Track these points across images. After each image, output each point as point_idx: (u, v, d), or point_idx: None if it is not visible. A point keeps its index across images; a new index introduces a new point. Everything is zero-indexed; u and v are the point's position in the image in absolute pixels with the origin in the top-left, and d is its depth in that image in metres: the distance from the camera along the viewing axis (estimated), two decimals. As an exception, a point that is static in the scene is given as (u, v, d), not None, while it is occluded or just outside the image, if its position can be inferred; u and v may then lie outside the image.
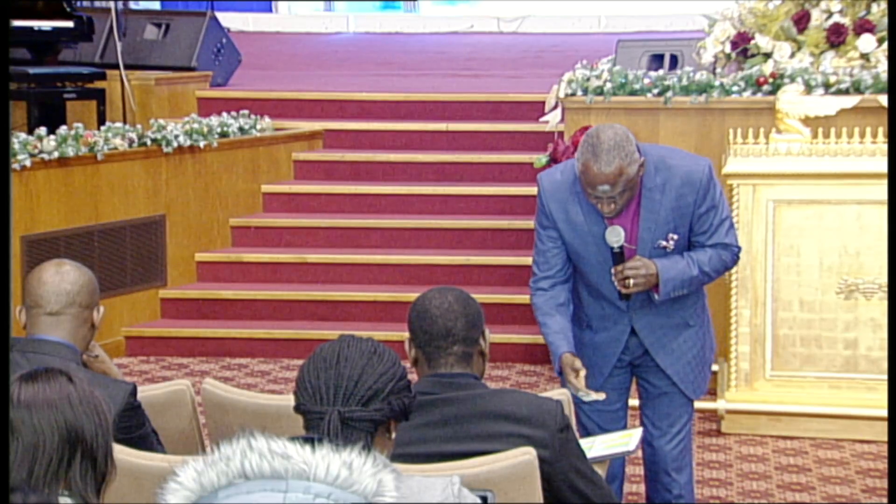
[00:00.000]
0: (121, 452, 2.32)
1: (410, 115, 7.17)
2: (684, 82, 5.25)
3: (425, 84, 8.01)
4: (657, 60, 5.72)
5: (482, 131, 6.90)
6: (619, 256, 3.15)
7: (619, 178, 3.02)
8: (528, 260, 6.08)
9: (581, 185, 3.10)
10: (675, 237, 3.17)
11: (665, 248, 3.18)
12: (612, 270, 3.15)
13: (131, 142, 6.03)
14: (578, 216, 3.18)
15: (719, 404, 4.82)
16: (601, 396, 3.18)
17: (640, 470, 3.68)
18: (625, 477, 3.56)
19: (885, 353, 4.70)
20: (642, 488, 4.18)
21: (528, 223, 6.31)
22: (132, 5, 9.09)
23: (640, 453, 3.47)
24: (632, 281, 3.13)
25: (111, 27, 7.17)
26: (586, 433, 3.34)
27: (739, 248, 3.28)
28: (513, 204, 6.48)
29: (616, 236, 3.13)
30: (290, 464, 1.28)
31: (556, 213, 3.21)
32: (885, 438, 4.67)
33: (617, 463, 3.36)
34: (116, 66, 6.89)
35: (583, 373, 3.15)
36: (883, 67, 5.09)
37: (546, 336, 3.25)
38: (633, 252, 3.18)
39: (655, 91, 5.29)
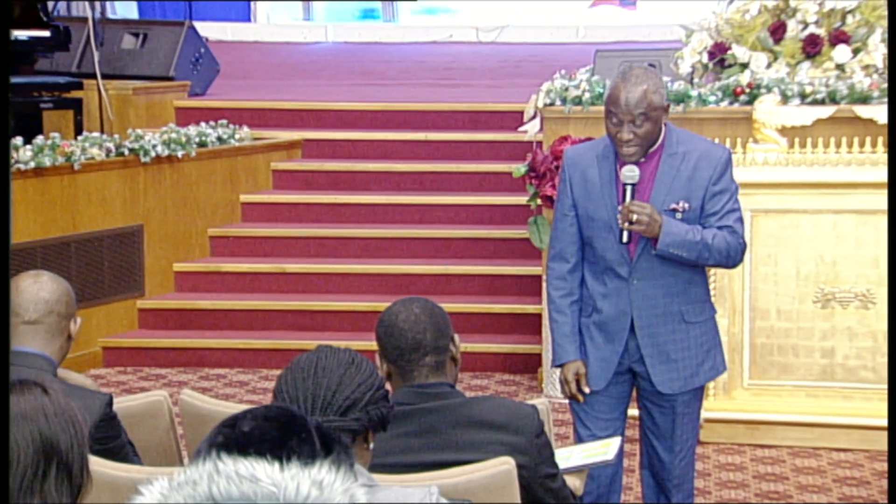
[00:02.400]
0: (97, 464, 2.31)
1: (389, 124, 7.17)
2: (662, 92, 5.26)
3: (404, 94, 8.02)
4: (635, 70, 5.73)
5: (461, 141, 6.91)
6: (630, 195, 3.23)
7: (642, 99, 3.15)
8: (508, 270, 6.17)
9: (606, 108, 3.21)
10: (687, 206, 3.25)
11: (675, 210, 3.25)
12: (620, 207, 3.22)
13: (109, 151, 6.00)
14: (594, 176, 3.29)
15: (698, 413, 4.83)
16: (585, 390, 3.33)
17: (624, 479, 3.68)
18: (622, 489, 3.55)
19: (861, 362, 4.73)
20: (629, 497, 4.19)
21: (508, 233, 6.33)
22: (110, 14, 9.06)
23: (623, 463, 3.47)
24: (635, 216, 3.18)
25: (88, 36, 7.15)
26: (579, 440, 3.35)
27: (745, 244, 3.33)
28: (492, 213, 6.48)
29: (631, 172, 3.22)
30: (259, 487, 1.27)
31: (573, 177, 3.33)
32: (862, 447, 4.70)
33: (608, 474, 3.36)
34: (93, 76, 6.87)
35: (583, 381, 3.32)
36: (858, 78, 5.13)
37: (554, 332, 3.38)
38: None
39: (633, 101, 5.30)
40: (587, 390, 3.32)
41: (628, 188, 3.21)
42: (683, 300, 3.30)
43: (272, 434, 1.55)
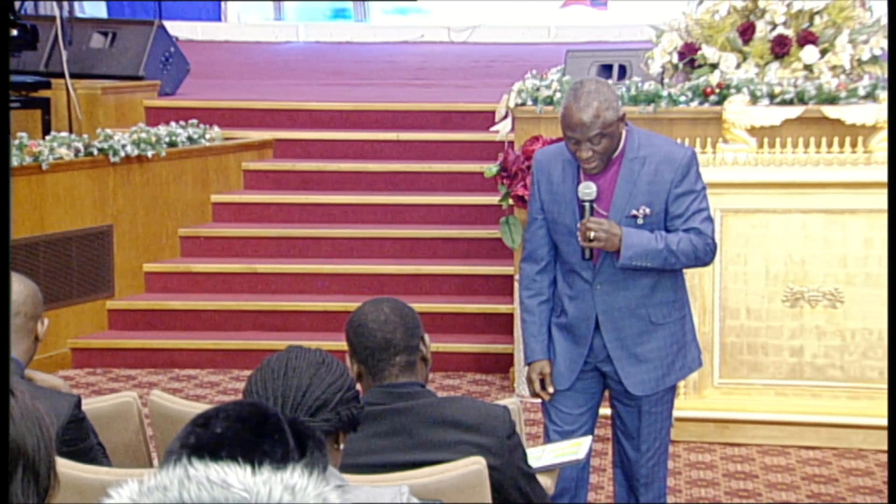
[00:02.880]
0: (65, 466, 2.29)
1: (361, 124, 7.16)
2: (633, 92, 5.30)
3: (376, 93, 8.01)
4: (606, 70, 5.76)
5: (433, 141, 6.91)
6: (587, 212, 3.23)
7: (595, 119, 3.14)
8: (479, 269, 6.17)
9: (562, 130, 3.21)
10: (648, 211, 3.24)
11: (635, 216, 3.23)
12: (578, 224, 3.22)
13: (77, 151, 5.95)
14: (558, 177, 3.30)
15: (668, 412, 4.86)
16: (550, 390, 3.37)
17: (595, 478, 3.70)
18: (588, 486, 3.57)
19: (829, 361, 4.77)
20: (601, 496, 4.20)
21: (479, 233, 6.34)
22: (78, 13, 8.99)
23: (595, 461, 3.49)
24: (592, 234, 3.18)
25: (56, 35, 7.09)
26: (547, 435, 3.37)
27: (715, 243, 3.31)
28: (464, 213, 6.49)
29: (588, 189, 3.22)
30: (231, 493, 1.27)
31: (541, 181, 3.34)
32: (830, 444, 4.75)
33: (574, 471, 3.38)
34: (62, 75, 6.81)
35: (548, 380, 3.35)
36: (825, 78, 5.18)
37: (523, 332, 3.44)
38: (604, 217, 3.26)
39: (604, 101, 5.32)
40: (551, 390, 3.35)
41: (586, 205, 3.21)
42: (650, 303, 3.30)
43: (245, 436, 1.54)
